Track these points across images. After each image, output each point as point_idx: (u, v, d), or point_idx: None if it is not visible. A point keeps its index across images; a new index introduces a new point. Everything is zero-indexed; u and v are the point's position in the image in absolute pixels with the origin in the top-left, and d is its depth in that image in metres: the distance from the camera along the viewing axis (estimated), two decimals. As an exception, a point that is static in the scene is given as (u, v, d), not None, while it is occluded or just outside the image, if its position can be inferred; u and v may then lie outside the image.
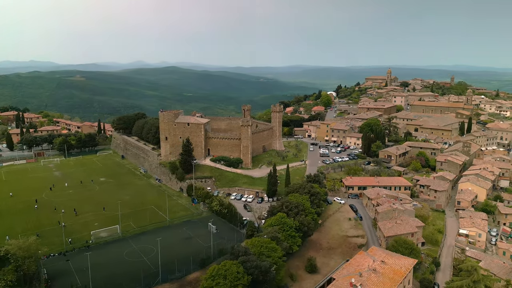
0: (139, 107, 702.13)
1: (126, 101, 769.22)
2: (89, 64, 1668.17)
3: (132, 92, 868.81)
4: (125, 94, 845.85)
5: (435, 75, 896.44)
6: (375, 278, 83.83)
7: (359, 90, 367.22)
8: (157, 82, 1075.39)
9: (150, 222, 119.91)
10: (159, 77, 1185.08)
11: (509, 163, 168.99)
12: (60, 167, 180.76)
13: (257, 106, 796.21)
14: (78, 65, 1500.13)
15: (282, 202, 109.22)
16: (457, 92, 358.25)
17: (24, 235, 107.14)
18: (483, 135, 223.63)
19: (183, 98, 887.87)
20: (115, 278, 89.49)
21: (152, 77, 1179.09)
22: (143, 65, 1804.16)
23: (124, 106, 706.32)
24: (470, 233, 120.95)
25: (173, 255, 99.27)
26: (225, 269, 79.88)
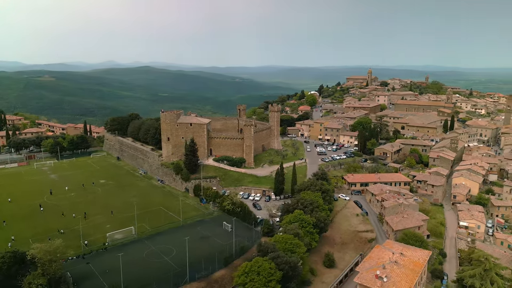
0: (113, 108, 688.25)
1: (99, 102, 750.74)
2: (57, 64, 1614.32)
3: (104, 93, 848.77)
4: (98, 94, 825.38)
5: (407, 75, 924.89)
6: (397, 270, 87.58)
7: (341, 89, 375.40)
8: (130, 83, 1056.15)
9: (164, 223, 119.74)
10: (132, 77, 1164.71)
11: (496, 158, 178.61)
12: (55, 169, 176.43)
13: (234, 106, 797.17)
14: (46, 65, 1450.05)
15: (297, 200, 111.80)
16: (434, 91, 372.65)
17: (35, 239, 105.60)
18: (465, 132, 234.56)
19: (159, 99, 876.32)
20: (142, 279, 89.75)
21: (125, 77, 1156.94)
22: (114, 65, 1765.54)
23: (97, 107, 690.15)
24: (470, 225, 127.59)
25: (195, 254, 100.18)
26: (258, 265, 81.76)
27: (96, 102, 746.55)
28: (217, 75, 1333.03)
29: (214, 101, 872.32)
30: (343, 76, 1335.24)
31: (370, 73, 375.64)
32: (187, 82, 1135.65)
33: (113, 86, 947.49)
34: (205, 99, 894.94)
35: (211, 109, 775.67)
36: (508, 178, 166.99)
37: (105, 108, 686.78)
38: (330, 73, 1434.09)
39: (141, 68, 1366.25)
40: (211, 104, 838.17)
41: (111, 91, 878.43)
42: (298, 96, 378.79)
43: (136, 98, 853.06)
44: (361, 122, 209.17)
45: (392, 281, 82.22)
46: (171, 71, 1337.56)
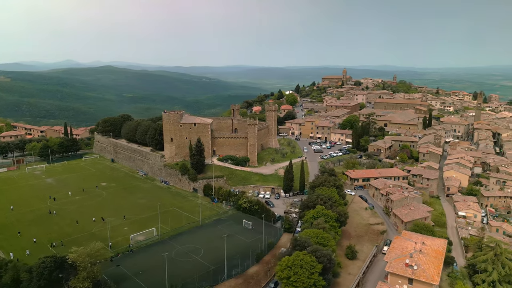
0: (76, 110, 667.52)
1: (60, 103, 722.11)
2: (12, 64, 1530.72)
3: (66, 94, 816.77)
4: (58, 96, 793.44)
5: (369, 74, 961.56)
6: (423, 258, 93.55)
7: (317, 89, 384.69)
8: (92, 83, 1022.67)
9: (183, 223, 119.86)
10: (94, 77, 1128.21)
11: (479, 152, 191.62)
12: (48, 173, 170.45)
13: (204, 106, 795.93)
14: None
15: (316, 195, 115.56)
16: (404, 90, 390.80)
17: (51, 244, 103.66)
18: (442, 129, 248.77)
19: (124, 99, 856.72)
20: (179, 277, 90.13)
21: (86, 77, 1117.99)
22: (73, 64, 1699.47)
23: (59, 108, 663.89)
24: (468, 215, 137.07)
25: (224, 252, 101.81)
26: (300, 259, 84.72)
27: (57, 103, 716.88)
28: (183, 74, 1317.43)
29: (182, 101, 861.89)
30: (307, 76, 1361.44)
31: (345, 73, 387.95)
32: (151, 82, 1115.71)
33: (74, 86, 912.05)
34: (173, 99, 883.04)
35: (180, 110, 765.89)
36: (490, 170, 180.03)
37: (67, 109, 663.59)
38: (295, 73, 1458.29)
39: (102, 67, 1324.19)
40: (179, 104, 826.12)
41: (72, 92, 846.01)
42: (276, 95, 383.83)
43: (100, 98, 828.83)
44: (350, 120, 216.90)
45: (422, 269, 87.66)
46: (135, 70, 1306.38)
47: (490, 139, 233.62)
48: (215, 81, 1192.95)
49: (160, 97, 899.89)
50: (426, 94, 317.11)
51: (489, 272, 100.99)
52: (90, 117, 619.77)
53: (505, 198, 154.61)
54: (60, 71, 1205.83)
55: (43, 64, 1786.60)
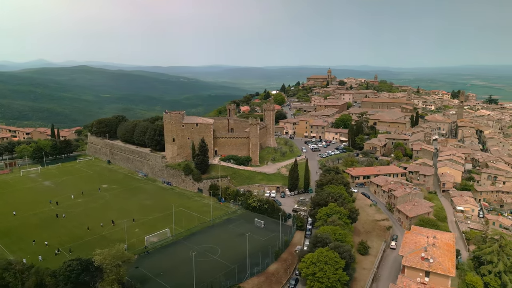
0: (51, 111, 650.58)
1: (34, 104, 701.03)
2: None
3: (39, 95, 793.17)
4: (31, 96, 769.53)
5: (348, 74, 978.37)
6: (437, 251, 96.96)
7: (303, 89, 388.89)
8: (67, 83, 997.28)
9: (195, 224, 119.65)
10: (68, 77, 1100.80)
11: (468, 149, 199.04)
12: (44, 176, 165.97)
13: (182, 106, 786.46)
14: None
15: (327, 193, 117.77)
16: (387, 90, 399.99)
17: (65, 248, 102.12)
18: (428, 127, 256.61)
19: (101, 100, 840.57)
20: (201, 277, 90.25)
21: (60, 77, 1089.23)
22: (46, 64, 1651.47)
23: (32, 109, 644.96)
24: (466, 209, 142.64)
25: (241, 251, 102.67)
26: (324, 255, 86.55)
27: (30, 104, 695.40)
28: (161, 74, 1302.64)
29: (161, 101, 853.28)
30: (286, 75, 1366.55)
31: (329, 73, 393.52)
32: (128, 82, 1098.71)
33: (48, 87, 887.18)
34: (151, 99, 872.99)
35: (160, 110, 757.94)
36: (479, 166, 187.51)
37: (41, 110, 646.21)
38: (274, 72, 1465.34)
39: (77, 67, 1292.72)
40: (158, 104, 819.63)
41: (46, 92, 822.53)
42: (262, 95, 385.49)
43: (75, 99, 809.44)
44: (342, 119, 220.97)
45: (438, 261, 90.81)
46: (111, 70, 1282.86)
47: (475, 136, 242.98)
48: (194, 81, 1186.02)
49: (139, 97, 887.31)
50: (410, 93, 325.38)
51: (494, 263, 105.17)
52: (66, 118, 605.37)
53: (497, 193, 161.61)
54: (32, 71, 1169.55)
55: (14, 64, 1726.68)
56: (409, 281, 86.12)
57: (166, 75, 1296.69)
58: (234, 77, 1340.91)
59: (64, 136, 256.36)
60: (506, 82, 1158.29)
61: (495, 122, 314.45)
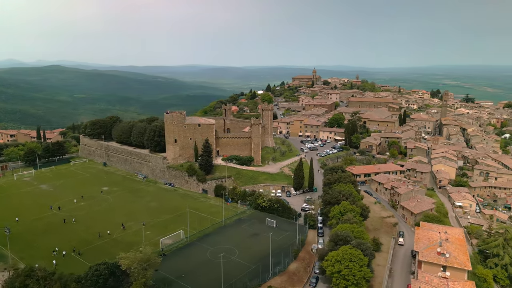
0: (24, 112, 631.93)
1: (5, 105, 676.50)
2: None
3: (10, 95, 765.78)
4: (2, 97, 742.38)
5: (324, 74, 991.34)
6: (451, 246, 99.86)
7: (289, 89, 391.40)
8: (39, 83, 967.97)
9: (209, 224, 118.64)
10: (40, 77, 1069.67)
11: (458, 146, 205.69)
12: (40, 180, 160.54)
13: (161, 106, 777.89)
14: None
15: (338, 191, 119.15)
16: (370, 89, 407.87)
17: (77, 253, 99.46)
18: (415, 125, 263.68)
19: (76, 100, 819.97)
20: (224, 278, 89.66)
21: (31, 77, 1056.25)
22: (16, 64, 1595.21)
23: (3, 111, 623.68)
24: (464, 205, 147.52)
25: (257, 250, 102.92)
26: (349, 253, 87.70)
27: (1, 106, 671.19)
28: (137, 74, 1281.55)
29: (138, 102, 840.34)
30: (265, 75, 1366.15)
31: (314, 73, 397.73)
32: (103, 82, 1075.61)
33: (19, 87, 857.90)
34: (128, 99, 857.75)
35: (137, 110, 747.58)
36: (469, 163, 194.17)
37: (13, 112, 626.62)
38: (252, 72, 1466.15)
39: (49, 67, 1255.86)
40: (136, 105, 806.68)
41: (18, 93, 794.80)
42: (249, 95, 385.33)
43: (49, 100, 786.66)
44: (336, 118, 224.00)
45: (453, 256, 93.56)
46: (85, 70, 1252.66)
47: (460, 134, 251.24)
48: (171, 81, 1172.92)
49: (115, 97, 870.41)
50: (396, 93, 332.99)
51: (501, 256, 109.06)
52: (40, 120, 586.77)
53: (489, 188, 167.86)
54: (2, 71, 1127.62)
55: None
56: (430, 276, 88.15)
57: (143, 74, 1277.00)
58: (213, 77, 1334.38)
59: (49, 138, 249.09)
60: (475, 81, 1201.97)
61: (474, 120, 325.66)
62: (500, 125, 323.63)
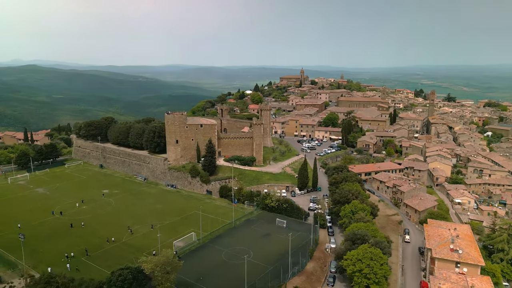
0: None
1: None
2: None
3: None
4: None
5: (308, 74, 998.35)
6: (462, 243, 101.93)
7: (278, 88, 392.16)
8: (15, 83, 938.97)
9: (219, 226, 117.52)
10: (16, 77, 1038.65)
11: (451, 144, 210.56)
12: (35, 183, 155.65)
13: (143, 107, 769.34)
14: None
15: (347, 191, 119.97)
16: (357, 89, 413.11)
17: (88, 258, 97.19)
18: (405, 124, 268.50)
19: (54, 101, 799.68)
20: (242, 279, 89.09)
21: (6, 77, 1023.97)
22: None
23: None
24: (463, 201, 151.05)
25: (272, 251, 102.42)
26: (369, 251, 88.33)
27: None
28: (117, 74, 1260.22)
29: (119, 102, 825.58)
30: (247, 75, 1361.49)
31: (302, 73, 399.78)
32: (83, 82, 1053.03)
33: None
34: (108, 100, 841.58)
35: (118, 111, 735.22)
36: (461, 160, 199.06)
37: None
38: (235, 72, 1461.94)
39: (24, 67, 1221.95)
40: (116, 105, 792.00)
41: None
42: (237, 95, 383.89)
43: (25, 101, 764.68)
44: (330, 118, 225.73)
45: (466, 252, 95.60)
46: (63, 70, 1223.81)
47: (449, 132, 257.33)
48: (153, 81, 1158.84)
49: (95, 98, 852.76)
50: (385, 92, 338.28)
51: (506, 251, 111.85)
52: (17, 121, 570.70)
53: (484, 185, 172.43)
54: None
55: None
56: (447, 272, 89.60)
57: (123, 74, 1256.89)
58: (195, 77, 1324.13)
59: (37, 140, 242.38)
60: (452, 81, 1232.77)
61: (458, 118, 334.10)
62: (482, 123, 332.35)
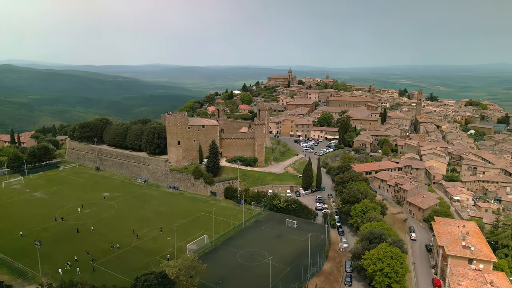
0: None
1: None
2: None
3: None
4: None
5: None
6: (472, 239, 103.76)
7: (266, 88, 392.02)
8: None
9: (230, 227, 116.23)
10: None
11: (444, 143, 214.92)
12: (31, 187, 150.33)
13: (125, 107, 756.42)
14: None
15: (357, 190, 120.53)
16: (343, 89, 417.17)
17: (100, 263, 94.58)
18: (395, 123, 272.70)
19: (31, 102, 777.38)
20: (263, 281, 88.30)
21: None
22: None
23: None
24: (462, 199, 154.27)
25: (288, 252, 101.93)
26: (389, 250, 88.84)
27: None
28: (95, 74, 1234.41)
29: (99, 102, 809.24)
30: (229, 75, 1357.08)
31: (290, 73, 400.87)
32: (60, 82, 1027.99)
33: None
34: (88, 100, 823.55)
35: (99, 111, 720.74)
36: (453, 158, 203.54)
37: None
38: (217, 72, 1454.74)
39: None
40: (97, 106, 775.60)
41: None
42: (225, 95, 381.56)
43: (2, 102, 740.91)
44: (324, 117, 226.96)
45: (478, 249, 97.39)
46: (39, 70, 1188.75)
47: (438, 131, 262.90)
48: (133, 81, 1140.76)
49: (74, 98, 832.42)
50: (375, 92, 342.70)
51: (510, 247, 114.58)
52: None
53: (478, 182, 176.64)
54: None
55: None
56: (464, 269, 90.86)
57: (102, 74, 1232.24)
58: (176, 77, 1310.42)
59: (23, 142, 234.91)
60: (429, 81, 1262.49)
61: (443, 117, 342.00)
62: (465, 122, 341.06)
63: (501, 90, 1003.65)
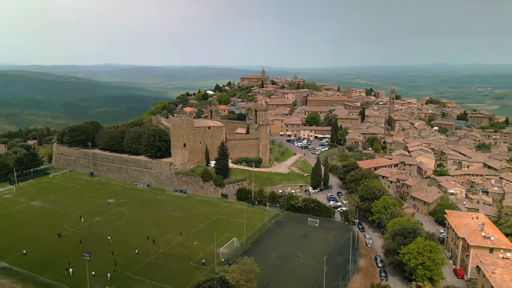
0: None
1: None
2: None
3: None
4: None
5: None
6: (490, 230, 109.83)
7: (241, 89, 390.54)
8: None
9: (256, 229, 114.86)
10: None
11: (427, 139, 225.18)
12: (26, 196, 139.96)
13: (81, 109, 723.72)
14: None
15: (373, 187, 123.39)
16: (314, 89, 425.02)
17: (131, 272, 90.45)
18: (374, 121, 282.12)
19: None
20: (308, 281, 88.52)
21: None
22: None
23: None
24: (456, 192, 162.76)
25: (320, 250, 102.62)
26: (427, 243, 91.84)
27: None
28: (44, 74, 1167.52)
29: (51, 105, 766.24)
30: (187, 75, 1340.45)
31: (263, 73, 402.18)
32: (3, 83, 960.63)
33: None
34: (37, 102, 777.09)
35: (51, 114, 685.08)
36: (436, 154, 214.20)
37: None
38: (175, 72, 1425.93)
39: None
40: (47, 109, 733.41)
41: None
42: (199, 96, 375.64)
43: None
44: (312, 117, 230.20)
45: (497, 238, 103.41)
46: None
47: (413, 128, 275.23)
48: (87, 81, 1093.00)
49: (22, 100, 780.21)
50: (350, 92, 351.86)
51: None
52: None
53: (464, 176, 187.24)
54: None
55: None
56: (492, 258, 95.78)
57: (52, 74, 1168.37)
58: (132, 77, 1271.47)
59: None
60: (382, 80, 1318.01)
61: (409, 115, 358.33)
62: (428, 119, 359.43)
63: (446, 88, 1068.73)
